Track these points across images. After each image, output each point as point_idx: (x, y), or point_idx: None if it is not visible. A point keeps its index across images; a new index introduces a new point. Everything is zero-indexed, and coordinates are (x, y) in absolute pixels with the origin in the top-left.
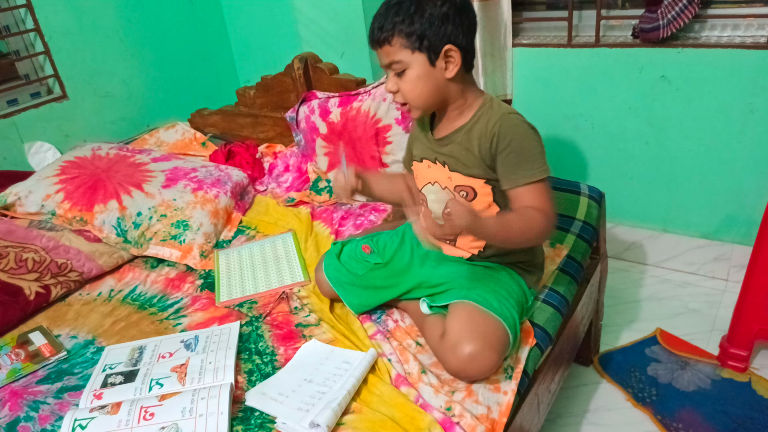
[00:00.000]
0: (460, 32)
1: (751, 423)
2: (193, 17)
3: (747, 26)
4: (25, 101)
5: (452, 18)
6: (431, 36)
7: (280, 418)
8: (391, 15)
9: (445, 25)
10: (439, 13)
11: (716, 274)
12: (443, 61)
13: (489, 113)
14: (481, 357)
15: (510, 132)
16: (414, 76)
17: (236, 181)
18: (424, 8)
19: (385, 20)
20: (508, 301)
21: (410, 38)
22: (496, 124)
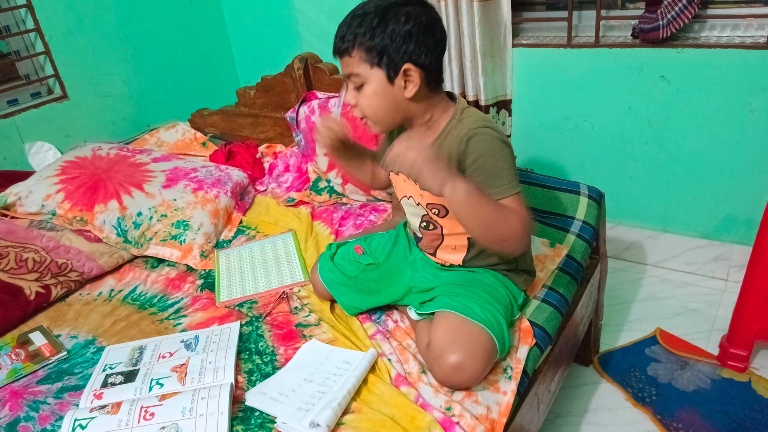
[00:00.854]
0: (423, 51)
1: (751, 423)
2: (194, 17)
3: (747, 26)
4: (26, 101)
5: (415, 37)
6: (391, 53)
7: (280, 417)
8: (354, 26)
9: (407, 44)
10: (402, 30)
11: (716, 274)
12: (402, 80)
13: (457, 129)
14: (465, 367)
15: (476, 149)
16: (371, 92)
17: (236, 181)
18: (387, 23)
19: (347, 30)
20: (492, 306)
21: (370, 53)
22: (462, 141)
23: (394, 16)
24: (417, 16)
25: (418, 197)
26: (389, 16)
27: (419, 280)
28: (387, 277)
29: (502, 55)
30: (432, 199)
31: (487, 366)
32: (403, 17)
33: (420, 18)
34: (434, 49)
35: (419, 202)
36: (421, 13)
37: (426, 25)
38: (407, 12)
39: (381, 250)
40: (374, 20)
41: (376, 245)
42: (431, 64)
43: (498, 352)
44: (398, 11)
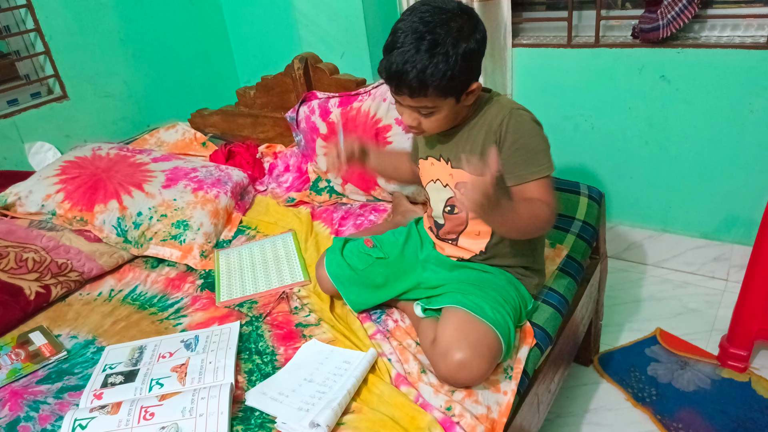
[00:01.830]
0: (479, 66)
1: (751, 423)
2: (194, 17)
3: (747, 26)
4: (26, 101)
5: (475, 55)
6: (460, 78)
7: (280, 417)
8: (430, 68)
9: (473, 62)
10: (470, 52)
11: (716, 274)
12: (467, 95)
13: (495, 109)
14: (471, 365)
15: (518, 129)
16: (442, 116)
17: (236, 181)
18: (459, 54)
19: (421, 72)
20: (503, 307)
21: (445, 89)
22: (504, 120)
23: (463, 42)
24: (477, 35)
25: (447, 177)
26: (458, 47)
27: (429, 277)
28: (395, 273)
29: (502, 55)
30: (462, 177)
31: (491, 366)
32: (471, 41)
33: (480, 33)
34: (483, 54)
35: (447, 183)
36: (479, 28)
37: (483, 37)
38: (469, 34)
39: (392, 245)
40: (449, 59)
41: (386, 240)
42: (481, 73)
43: (503, 351)
44: (463, 36)
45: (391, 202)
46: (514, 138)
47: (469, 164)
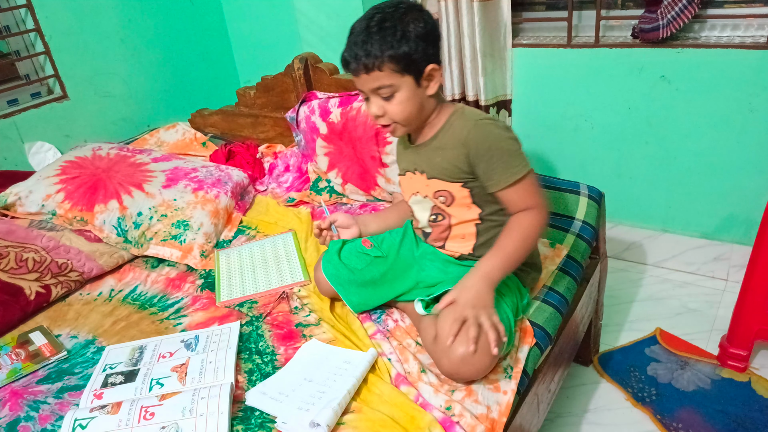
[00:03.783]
0: (437, 50)
1: (751, 423)
2: (194, 17)
3: (747, 26)
4: (26, 101)
5: (431, 38)
6: (417, 58)
7: (281, 417)
8: (378, 40)
9: (428, 46)
10: (421, 33)
11: (716, 274)
12: (427, 81)
13: (461, 122)
14: (473, 359)
15: (484, 138)
16: (404, 98)
17: (236, 181)
18: (408, 30)
19: (371, 46)
20: (502, 300)
21: (399, 62)
22: (469, 132)
23: (411, 23)
24: (427, 19)
25: (425, 188)
26: (407, 24)
27: (426, 275)
28: (393, 271)
29: (502, 55)
30: (438, 186)
31: (493, 359)
32: (419, 22)
33: (429, 20)
34: (440, 48)
35: (426, 194)
36: (427, 15)
37: (434, 25)
38: (418, 17)
39: (390, 244)
40: (396, 31)
41: (384, 239)
42: (441, 62)
43: (505, 345)
44: (410, 17)
45: (390, 202)
46: (483, 147)
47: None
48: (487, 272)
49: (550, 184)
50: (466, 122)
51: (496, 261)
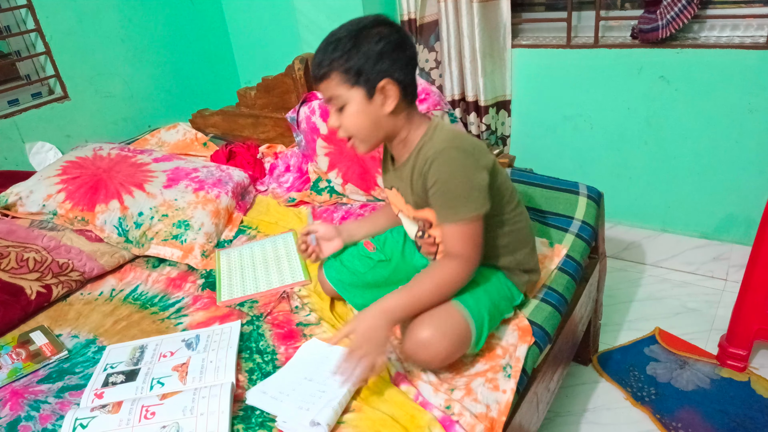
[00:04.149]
0: (396, 68)
1: (750, 422)
2: (194, 18)
3: (746, 26)
4: (26, 101)
5: (388, 54)
6: (368, 71)
7: (281, 416)
8: (330, 51)
9: (382, 61)
10: (375, 49)
11: (715, 274)
12: (381, 96)
13: (428, 147)
14: (432, 344)
15: (440, 172)
16: (353, 111)
17: (237, 181)
18: (361, 45)
19: (323, 56)
20: (483, 297)
21: (347, 73)
22: (431, 164)
23: (366, 38)
24: (388, 35)
25: (406, 210)
26: (362, 38)
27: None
28: (397, 274)
29: (502, 55)
30: (415, 213)
31: (455, 351)
32: (375, 37)
33: (390, 37)
34: (406, 65)
35: (407, 215)
36: (391, 32)
37: (396, 42)
38: (378, 32)
39: (392, 247)
40: (348, 44)
41: (387, 241)
42: (405, 79)
43: (473, 342)
44: (369, 33)
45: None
46: (434, 180)
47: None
48: (390, 310)
49: (549, 184)
50: (432, 148)
51: (402, 301)
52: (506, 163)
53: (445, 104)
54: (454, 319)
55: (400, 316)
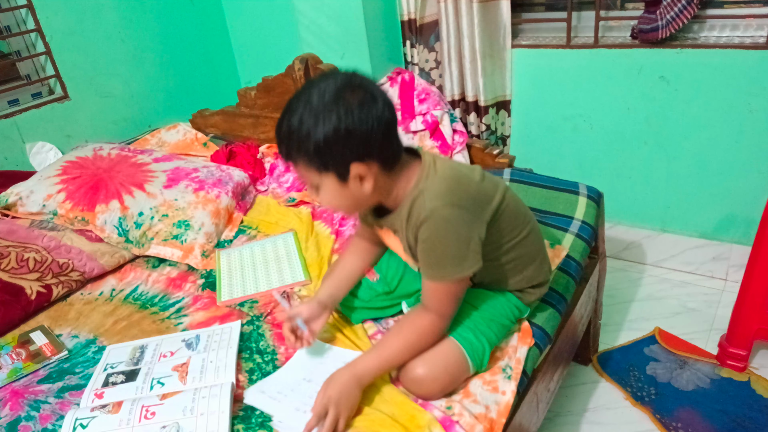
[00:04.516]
0: (370, 146)
1: (750, 422)
2: (194, 18)
3: (746, 26)
4: (27, 101)
5: (356, 134)
6: (335, 158)
7: (277, 417)
8: (286, 137)
9: (349, 145)
10: (340, 133)
11: (715, 274)
12: (356, 179)
13: (419, 203)
14: (425, 382)
15: (430, 230)
16: (328, 194)
17: (237, 181)
18: (320, 130)
19: (280, 140)
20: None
21: (311, 163)
22: (422, 222)
23: (327, 119)
24: (348, 112)
25: (403, 255)
26: (321, 121)
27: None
28: (400, 297)
29: (502, 55)
30: (412, 260)
31: (450, 382)
32: (334, 118)
33: (350, 113)
34: (382, 137)
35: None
36: (351, 106)
37: (359, 117)
38: (344, 105)
39: (394, 273)
40: (303, 131)
41: (388, 267)
42: (382, 153)
43: (472, 370)
44: (330, 111)
45: None
46: (425, 238)
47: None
48: (361, 375)
49: (549, 184)
50: (424, 207)
51: (374, 363)
52: (506, 163)
53: (445, 104)
54: (448, 356)
55: (370, 379)
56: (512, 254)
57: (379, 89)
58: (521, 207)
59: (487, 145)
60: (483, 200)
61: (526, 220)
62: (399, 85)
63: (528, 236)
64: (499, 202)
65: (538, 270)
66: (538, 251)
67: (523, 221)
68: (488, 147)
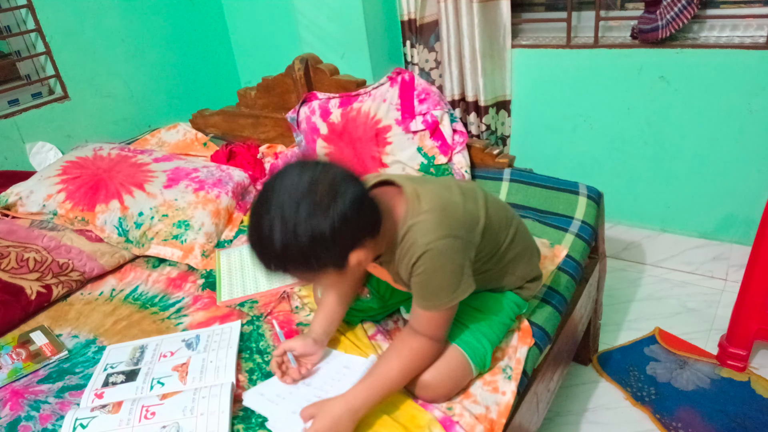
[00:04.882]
0: (352, 238)
1: (750, 422)
2: (195, 18)
3: (746, 26)
4: (27, 101)
5: (334, 240)
6: (327, 259)
7: (273, 421)
8: (274, 260)
9: (335, 247)
10: (321, 244)
11: (715, 274)
12: (353, 264)
13: (410, 241)
14: (431, 386)
15: (425, 265)
16: (328, 282)
17: (237, 181)
18: (304, 249)
19: (268, 262)
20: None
21: (307, 272)
22: (415, 259)
23: (308, 235)
24: (327, 216)
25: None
26: (305, 238)
27: None
28: (396, 304)
29: (502, 55)
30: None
31: (456, 385)
32: (319, 227)
33: (330, 216)
34: (361, 221)
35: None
36: (328, 207)
37: (340, 214)
38: (318, 220)
39: (386, 287)
40: (294, 250)
41: (379, 283)
42: (369, 228)
43: (475, 372)
44: (308, 225)
45: None
46: (420, 271)
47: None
48: (356, 409)
49: (549, 184)
50: (416, 245)
51: (369, 394)
52: (506, 163)
53: (445, 104)
54: (451, 361)
55: (367, 410)
56: (508, 256)
57: (335, 169)
58: (502, 210)
59: (487, 145)
60: (470, 223)
61: (510, 221)
62: (399, 85)
63: (516, 235)
64: (484, 219)
65: (530, 264)
66: (527, 247)
67: (507, 223)
68: (488, 147)
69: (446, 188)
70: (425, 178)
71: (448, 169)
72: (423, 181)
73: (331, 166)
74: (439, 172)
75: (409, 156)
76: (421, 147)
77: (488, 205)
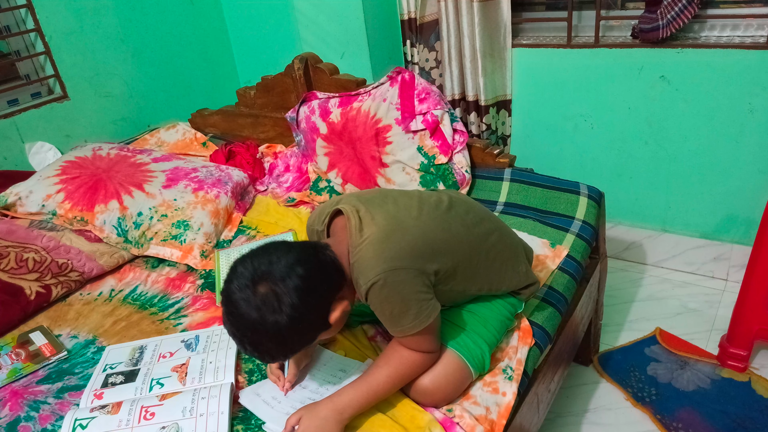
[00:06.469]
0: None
1: (751, 422)
2: (194, 17)
3: (746, 26)
4: (26, 101)
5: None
6: (312, 329)
7: (267, 422)
8: (267, 357)
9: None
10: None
11: (716, 274)
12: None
13: (357, 278)
14: (429, 391)
15: (376, 302)
16: (331, 334)
17: (237, 181)
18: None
19: (259, 358)
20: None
21: (304, 347)
22: (363, 293)
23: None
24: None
25: None
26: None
27: None
28: None
29: (502, 55)
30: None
31: (455, 389)
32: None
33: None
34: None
35: None
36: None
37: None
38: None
39: None
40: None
41: None
42: (336, 285)
43: (473, 374)
44: (261, 330)
45: None
46: (373, 305)
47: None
48: (341, 410)
49: (549, 184)
50: (360, 282)
51: (357, 397)
52: (506, 162)
53: (445, 104)
54: (448, 366)
55: (355, 413)
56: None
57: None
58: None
59: (487, 144)
60: (421, 246)
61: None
62: (399, 85)
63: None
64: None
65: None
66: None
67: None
68: (489, 147)
69: (404, 208)
70: (383, 197)
71: (449, 168)
72: (377, 204)
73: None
74: (439, 171)
75: (409, 156)
76: (422, 146)
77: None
